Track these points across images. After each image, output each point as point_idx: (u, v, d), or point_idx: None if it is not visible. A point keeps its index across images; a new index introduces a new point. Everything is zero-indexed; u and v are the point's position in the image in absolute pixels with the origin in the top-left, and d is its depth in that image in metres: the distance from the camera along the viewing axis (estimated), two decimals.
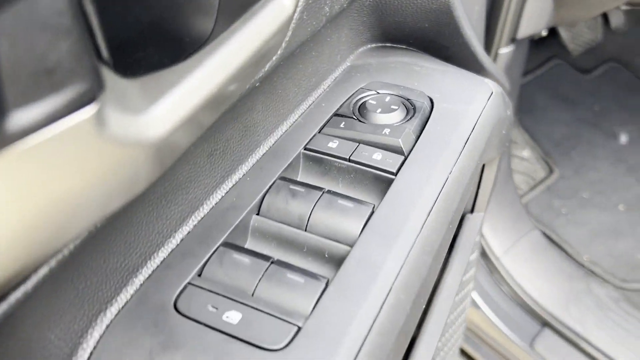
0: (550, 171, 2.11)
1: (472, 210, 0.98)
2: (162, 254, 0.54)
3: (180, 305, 0.50)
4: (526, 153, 2.17)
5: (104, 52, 0.35)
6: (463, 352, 1.72)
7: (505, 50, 1.44)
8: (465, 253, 0.89)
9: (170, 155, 0.44)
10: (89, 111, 0.30)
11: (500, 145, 0.86)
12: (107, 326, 0.48)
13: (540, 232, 1.80)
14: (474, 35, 0.82)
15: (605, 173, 2.09)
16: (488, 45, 1.40)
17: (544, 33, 1.52)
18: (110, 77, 0.33)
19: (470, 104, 0.71)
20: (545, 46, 2.44)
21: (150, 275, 0.52)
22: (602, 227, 1.91)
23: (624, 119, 2.27)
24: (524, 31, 1.41)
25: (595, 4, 1.42)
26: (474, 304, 1.63)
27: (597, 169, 2.10)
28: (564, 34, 2.28)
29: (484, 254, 1.69)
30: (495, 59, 1.43)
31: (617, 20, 2.34)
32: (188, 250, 0.54)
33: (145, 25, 0.49)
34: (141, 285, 0.51)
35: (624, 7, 2.06)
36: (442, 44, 0.81)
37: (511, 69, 1.50)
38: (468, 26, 0.80)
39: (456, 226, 0.69)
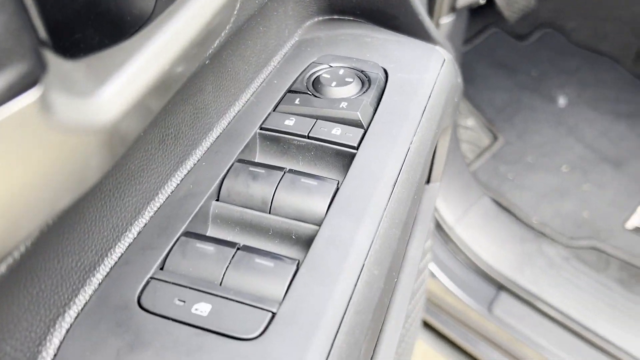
0: (495, 138, 2.15)
1: (428, 181, 0.98)
2: (120, 249, 0.51)
3: (144, 302, 0.47)
4: (470, 122, 2.20)
5: (42, 32, 0.31)
6: (424, 322, 1.75)
7: (446, 20, 1.45)
8: (425, 223, 0.89)
9: (122, 143, 0.41)
10: (32, 95, 0.27)
11: (453, 113, 0.85)
12: (67, 331, 0.45)
13: (490, 199, 1.83)
14: (420, 3, 0.81)
15: (547, 136, 2.14)
16: (429, 15, 1.40)
17: (482, 1, 1.53)
18: (51, 58, 0.30)
19: (424, 72, 0.70)
20: (482, 15, 2.47)
21: (108, 273, 0.49)
22: (548, 188, 1.96)
23: (561, 82, 2.33)
24: (464, 0, 1.42)
25: None
26: (432, 274, 1.65)
27: (539, 132, 2.15)
28: (499, 1, 2.31)
29: (437, 225, 1.70)
30: (437, 29, 1.43)
31: None
32: (147, 243, 0.51)
33: (82, 3, 0.45)
34: (100, 284, 0.48)
35: None
36: (390, 14, 0.80)
37: (452, 38, 1.50)
38: None
39: (420, 196, 0.68)
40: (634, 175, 1.99)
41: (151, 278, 0.48)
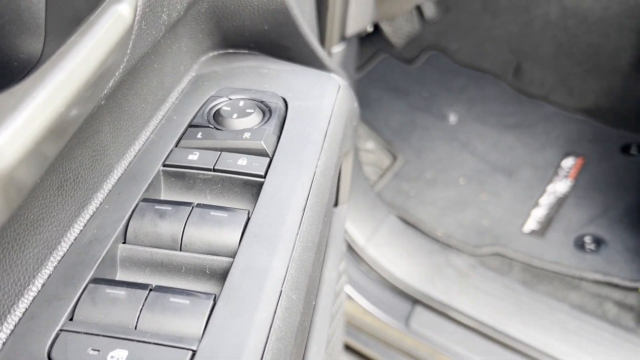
0: (394, 158, 2.23)
1: (336, 204, 1.00)
2: (24, 303, 0.48)
3: (55, 356, 0.44)
4: (370, 144, 2.27)
5: None
6: (346, 345, 1.76)
7: (338, 49, 1.50)
8: (337, 245, 0.90)
9: (18, 194, 0.39)
10: None
11: (353, 136, 0.88)
12: None
13: (396, 216, 1.89)
14: (311, 33, 0.83)
15: (442, 152, 2.24)
16: (321, 45, 1.44)
17: (370, 29, 1.59)
18: None
19: (322, 99, 0.72)
20: (371, 42, 2.57)
21: (13, 330, 0.46)
22: (449, 201, 2.05)
23: (450, 100, 2.46)
24: (352, 29, 1.47)
25: None
26: (348, 296, 1.67)
27: (435, 149, 2.25)
28: (386, 28, 2.42)
29: (348, 247, 1.73)
30: (330, 57, 1.48)
31: (429, 11, 2.54)
32: (53, 294, 0.49)
33: None
34: (4, 343, 0.45)
35: None
36: (283, 45, 0.81)
37: (346, 65, 1.55)
38: (305, 25, 0.81)
39: (330, 219, 0.70)
40: (525, 182, 2.12)
41: (61, 330, 0.46)
